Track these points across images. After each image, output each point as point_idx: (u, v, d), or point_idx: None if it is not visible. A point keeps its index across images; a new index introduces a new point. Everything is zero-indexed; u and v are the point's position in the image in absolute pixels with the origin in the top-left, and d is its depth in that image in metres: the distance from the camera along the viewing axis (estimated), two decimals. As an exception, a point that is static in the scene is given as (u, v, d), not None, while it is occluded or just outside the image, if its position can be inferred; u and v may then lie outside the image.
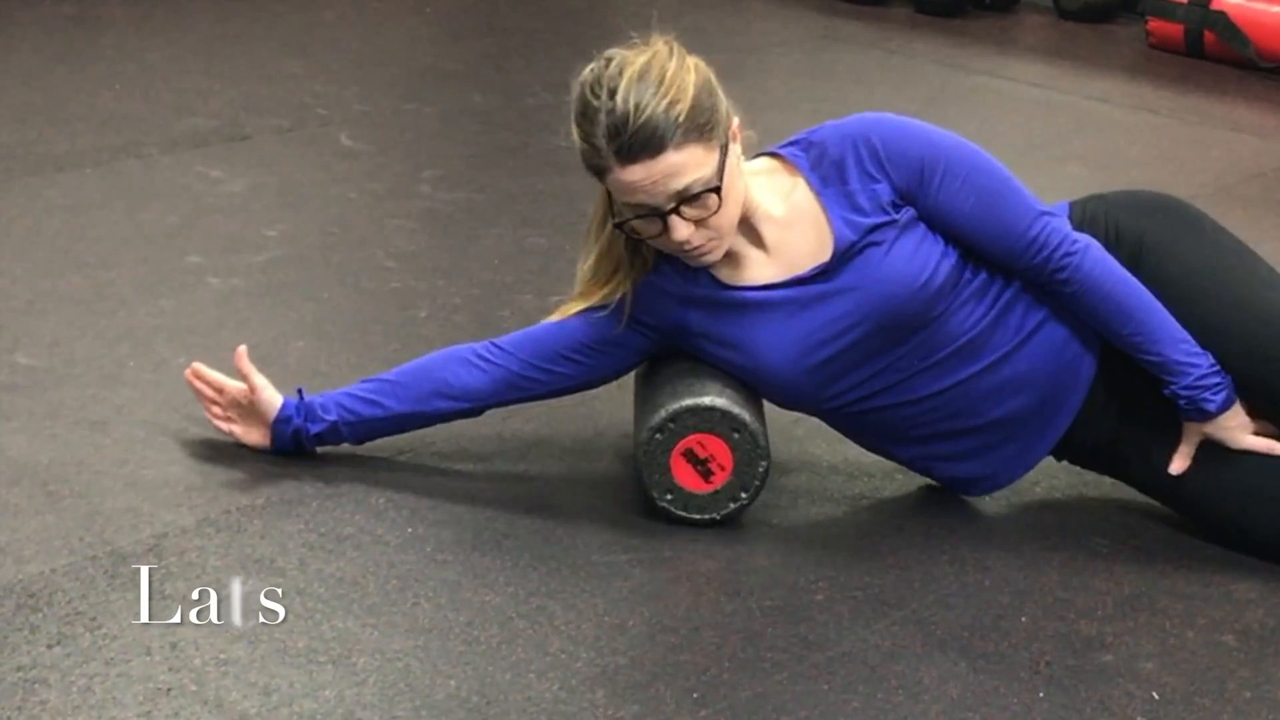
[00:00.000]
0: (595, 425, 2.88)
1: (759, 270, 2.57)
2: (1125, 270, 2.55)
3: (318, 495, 2.60)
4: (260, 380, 2.65)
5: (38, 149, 3.99)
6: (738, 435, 2.55)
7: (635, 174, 2.42)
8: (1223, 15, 5.53)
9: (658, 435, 2.56)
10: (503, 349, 2.63)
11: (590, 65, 2.47)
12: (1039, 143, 4.72)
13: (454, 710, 2.14)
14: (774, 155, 2.60)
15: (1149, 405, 2.60)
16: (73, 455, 2.66)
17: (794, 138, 2.60)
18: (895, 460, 2.71)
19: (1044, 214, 2.54)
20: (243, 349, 2.67)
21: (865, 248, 2.51)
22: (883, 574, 2.53)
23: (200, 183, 3.89)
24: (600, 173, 2.46)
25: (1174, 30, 5.66)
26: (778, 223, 2.55)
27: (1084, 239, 2.55)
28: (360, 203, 3.87)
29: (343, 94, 4.63)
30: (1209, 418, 2.55)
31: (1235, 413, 2.56)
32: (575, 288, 2.63)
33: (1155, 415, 2.60)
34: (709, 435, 2.55)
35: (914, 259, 2.51)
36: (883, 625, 2.40)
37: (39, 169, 3.87)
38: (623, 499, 2.62)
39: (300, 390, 2.67)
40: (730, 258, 2.56)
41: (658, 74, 2.41)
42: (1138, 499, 2.72)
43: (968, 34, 5.86)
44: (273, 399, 2.65)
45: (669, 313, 2.60)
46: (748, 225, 2.55)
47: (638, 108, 2.39)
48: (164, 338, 3.08)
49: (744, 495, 2.58)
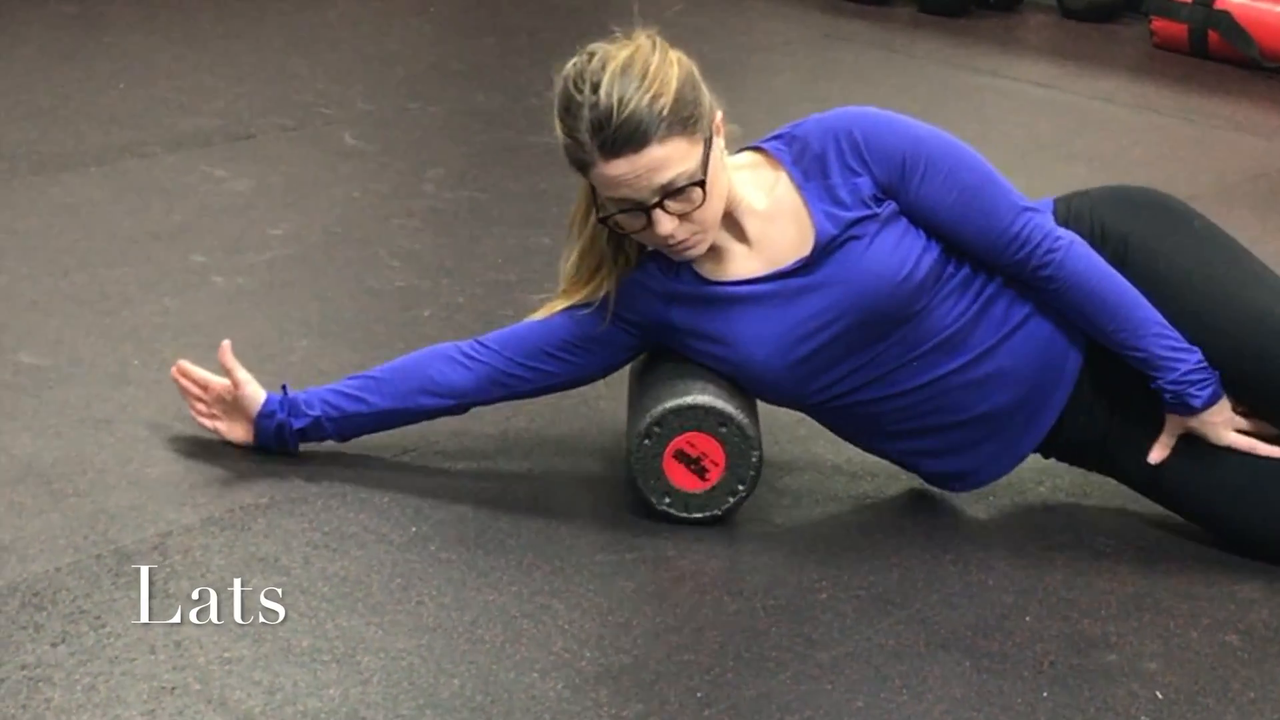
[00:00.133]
0: (599, 424, 2.88)
1: (741, 264, 2.57)
2: (1109, 266, 2.54)
3: (321, 494, 2.60)
4: (244, 375, 2.65)
5: (42, 148, 4.00)
6: (725, 429, 2.55)
7: (619, 168, 2.42)
8: (1227, 15, 5.53)
9: (646, 441, 2.56)
10: (488, 347, 2.63)
11: (573, 60, 2.46)
12: (1042, 142, 4.72)
13: (458, 709, 2.14)
14: (757, 149, 2.60)
15: (1137, 401, 2.59)
16: (77, 454, 2.66)
17: (777, 131, 2.60)
18: (880, 455, 2.70)
19: (1027, 210, 2.54)
20: (226, 344, 2.66)
21: (846, 241, 2.51)
22: (886, 573, 2.53)
23: (204, 182, 3.89)
24: (584, 168, 2.46)
25: (1178, 30, 5.66)
26: (760, 216, 2.55)
27: (1067, 235, 2.54)
28: (364, 202, 3.87)
29: (347, 93, 4.63)
30: (1193, 413, 2.54)
31: (1220, 409, 2.55)
32: (559, 284, 2.63)
33: (1143, 411, 2.59)
34: (696, 434, 2.55)
35: (895, 253, 2.51)
36: (886, 625, 2.40)
37: (43, 168, 3.87)
38: (626, 498, 2.62)
39: (285, 386, 2.67)
40: (713, 252, 2.56)
41: (640, 68, 2.41)
42: (1142, 499, 2.71)
43: (971, 33, 5.85)
44: (256, 394, 2.65)
45: (653, 309, 2.60)
46: (731, 219, 2.55)
47: (621, 102, 2.39)
48: (168, 337, 3.08)
49: (741, 488, 2.58)
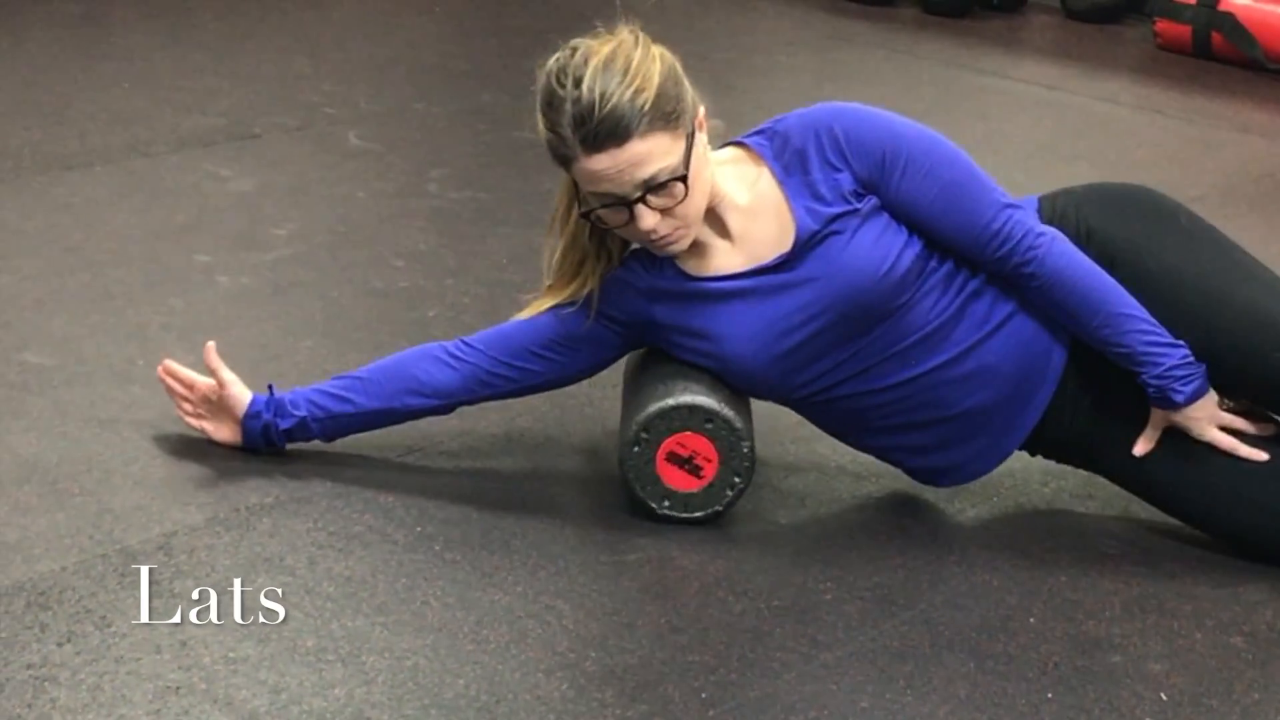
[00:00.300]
0: (603, 425, 2.88)
1: (724, 259, 2.57)
2: (1091, 262, 2.54)
3: (327, 494, 2.60)
4: (228, 376, 2.65)
5: (46, 148, 4.00)
6: (711, 425, 2.55)
7: (601, 163, 2.42)
8: (1230, 16, 5.53)
9: (636, 448, 2.56)
10: (473, 347, 2.63)
11: (555, 55, 2.46)
12: (1046, 143, 4.72)
13: (463, 709, 2.14)
14: (740, 144, 2.60)
15: (1122, 399, 2.59)
16: (82, 453, 2.66)
17: (760, 126, 2.60)
18: (866, 451, 2.70)
19: (1008, 207, 2.54)
20: (211, 345, 2.67)
21: (827, 237, 2.51)
22: (891, 574, 2.53)
23: (209, 181, 3.89)
24: (566, 162, 2.46)
25: (1181, 31, 5.66)
26: (742, 212, 2.56)
27: (1049, 231, 2.54)
28: (369, 202, 3.87)
29: (351, 93, 4.63)
30: (1177, 407, 2.54)
31: (1204, 405, 2.55)
32: (544, 280, 2.63)
33: (1129, 409, 2.59)
34: (684, 434, 2.55)
35: (876, 248, 2.51)
36: (891, 625, 2.40)
37: (48, 167, 3.87)
38: (630, 499, 2.62)
39: (271, 386, 2.67)
40: (696, 247, 2.56)
41: (623, 63, 2.41)
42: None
43: (975, 34, 5.85)
44: (241, 394, 2.65)
45: (636, 307, 2.60)
46: (713, 215, 2.56)
47: (603, 96, 2.39)
48: (173, 336, 3.08)
49: (737, 480, 2.58)
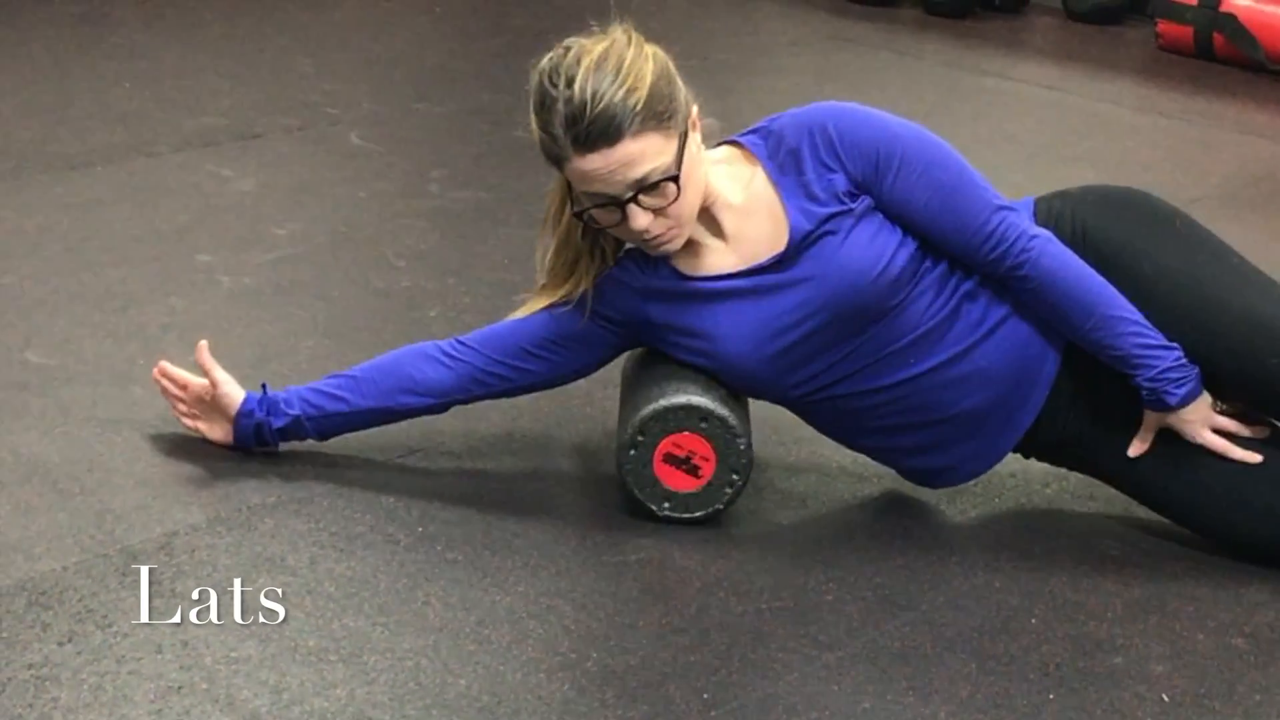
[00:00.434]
0: (605, 425, 2.88)
1: (718, 259, 2.57)
2: (1085, 265, 2.53)
3: (328, 494, 2.60)
4: (221, 375, 2.65)
5: (48, 147, 4.00)
6: (706, 424, 2.55)
7: (593, 163, 2.42)
8: (1232, 18, 5.53)
9: (633, 451, 2.56)
10: (468, 346, 2.63)
11: (548, 54, 2.46)
12: (1048, 144, 4.72)
13: (464, 709, 2.14)
14: (734, 143, 2.60)
15: (1116, 402, 2.59)
16: (83, 453, 2.66)
17: (755, 125, 2.60)
18: (861, 451, 2.70)
19: (1002, 208, 2.53)
20: (203, 344, 2.66)
21: (821, 237, 2.51)
22: (892, 575, 2.53)
23: (210, 181, 3.89)
24: (558, 162, 2.46)
25: (1183, 32, 5.66)
26: (737, 211, 2.56)
27: (1042, 234, 2.54)
28: (370, 202, 3.87)
29: (353, 93, 4.63)
30: (1170, 410, 2.54)
31: (1197, 407, 2.54)
32: (538, 280, 2.63)
33: (1122, 412, 2.59)
34: (680, 434, 2.55)
35: (870, 248, 2.51)
36: (892, 626, 2.40)
37: (49, 167, 3.87)
38: (632, 501, 2.62)
39: (264, 385, 2.67)
40: (690, 247, 2.56)
41: (615, 62, 2.41)
42: (1148, 501, 2.72)
43: (977, 35, 5.85)
44: (234, 394, 2.65)
45: (631, 306, 2.60)
46: (707, 214, 2.56)
47: (595, 96, 2.39)
48: (174, 336, 3.08)
49: (736, 478, 2.58)
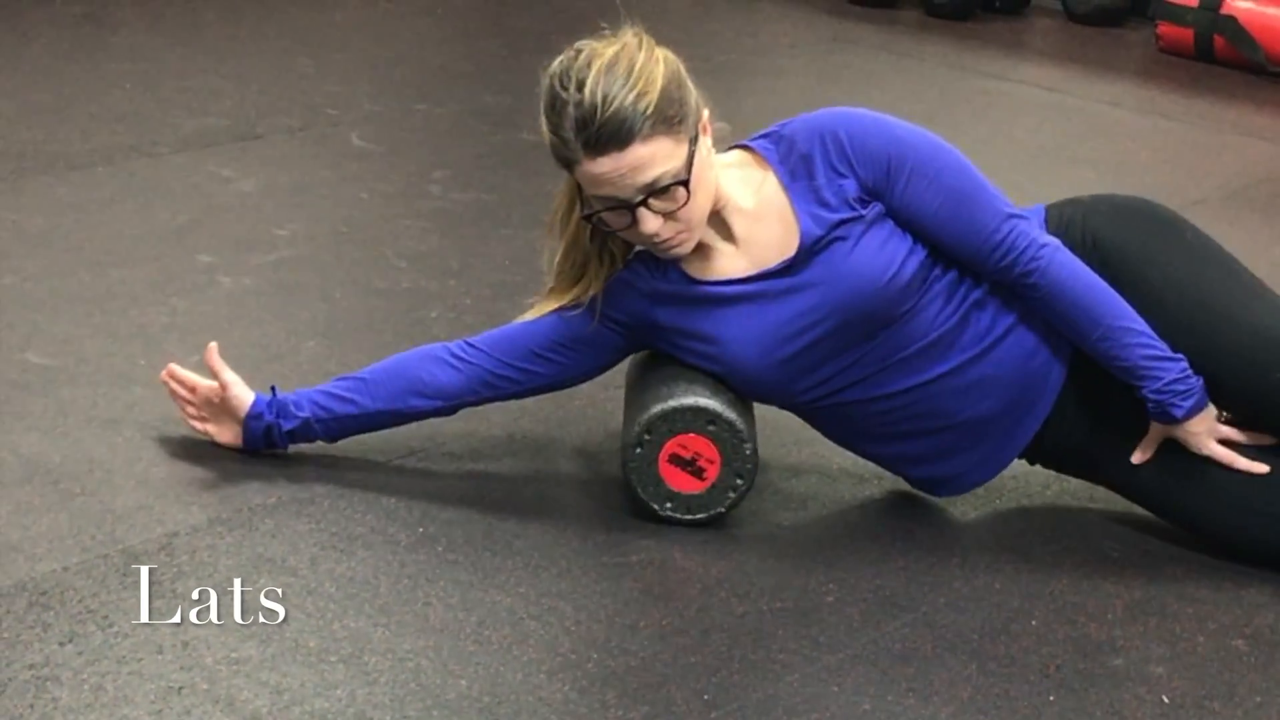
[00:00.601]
0: (606, 426, 2.88)
1: (728, 263, 2.57)
2: (1094, 274, 2.54)
3: (329, 495, 2.60)
4: (230, 377, 2.65)
5: (49, 148, 4.00)
6: (713, 427, 2.55)
7: (603, 166, 2.42)
8: (1233, 20, 5.53)
9: (639, 449, 2.56)
10: (477, 348, 2.63)
11: (559, 57, 2.46)
12: (1049, 146, 4.72)
13: (465, 710, 2.14)
14: (745, 148, 2.60)
15: (1121, 410, 2.59)
16: (84, 453, 2.66)
17: (766, 130, 2.60)
18: (867, 458, 2.70)
19: (1012, 216, 2.53)
20: (213, 346, 2.66)
21: (831, 243, 2.51)
22: (893, 576, 2.53)
23: (211, 182, 3.89)
24: (568, 165, 2.46)
25: (1184, 34, 5.66)
26: (747, 215, 2.56)
27: (1052, 242, 2.54)
28: (371, 203, 3.87)
29: (354, 94, 4.63)
30: (1176, 422, 2.54)
31: (1203, 419, 2.55)
32: (546, 282, 2.63)
33: (1127, 420, 2.59)
34: (686, 435, 2.55)
35: (880, 255, 2.51)
36: (893, 628, 2.40)
37: (50, 167, 3.87)
38: (633, 500, 2.62)
39: (274, 388, 2.67)
40: (700, 251, 2.56)
41: (626, 66, 2.41)
42: (1148, 503, 2.72)
43: (977, 37, 5.85)
44: (243, 396, 2.64)
45: (640, 309, 2.60)
46: (718, 218, 2.56)
47: (605, 99, 2.39)
48: (175, 336, 3.08)
49: (740, 482, 2.58)
